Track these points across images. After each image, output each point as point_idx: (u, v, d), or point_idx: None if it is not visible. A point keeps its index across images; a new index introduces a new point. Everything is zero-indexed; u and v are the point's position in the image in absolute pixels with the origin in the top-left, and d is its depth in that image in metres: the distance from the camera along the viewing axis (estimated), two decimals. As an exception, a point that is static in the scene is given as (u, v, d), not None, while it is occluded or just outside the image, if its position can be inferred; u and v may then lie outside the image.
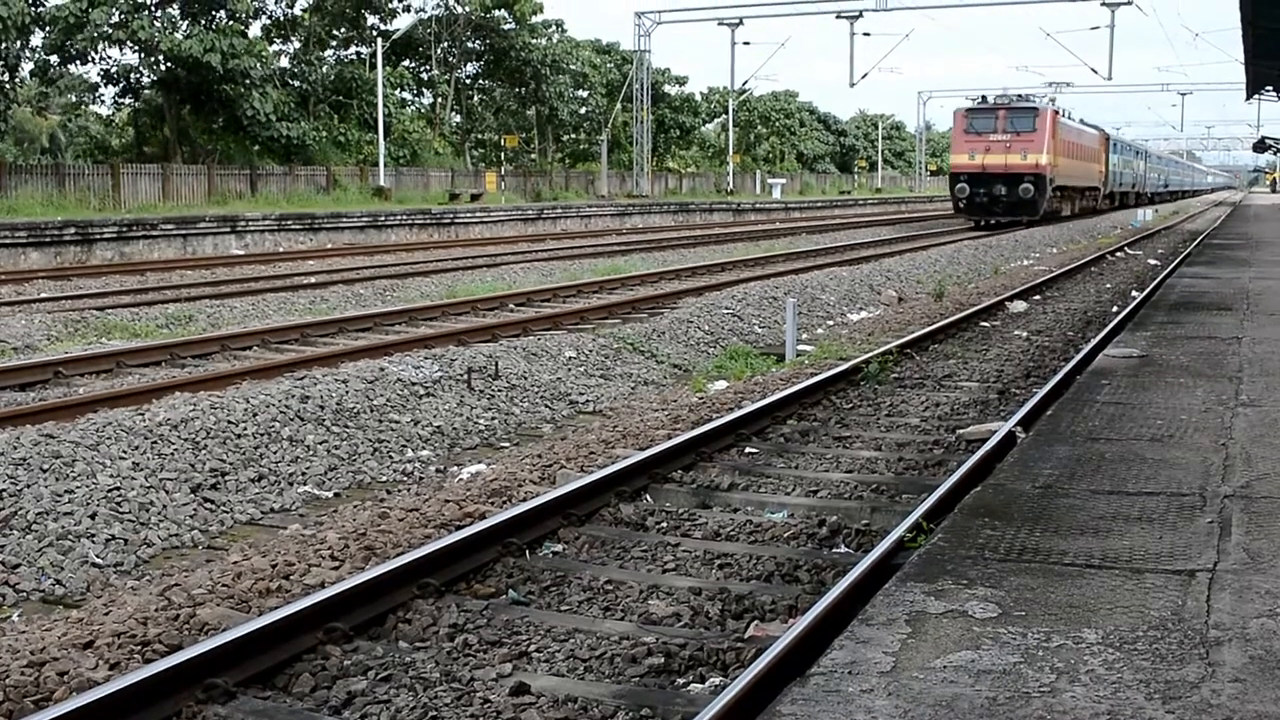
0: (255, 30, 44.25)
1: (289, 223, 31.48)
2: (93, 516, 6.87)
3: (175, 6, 39.77)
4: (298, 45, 48.29)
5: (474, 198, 43.18)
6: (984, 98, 42.21)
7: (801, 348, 13.75)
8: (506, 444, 9.63)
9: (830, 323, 16.86)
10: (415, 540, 6.47)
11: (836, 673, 3.55)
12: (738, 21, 56.37)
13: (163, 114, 42.40)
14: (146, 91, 42.55)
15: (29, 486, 7.00)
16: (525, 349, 12.18)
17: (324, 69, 47.27)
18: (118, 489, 7.24)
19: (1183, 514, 5.18)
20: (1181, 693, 3.40)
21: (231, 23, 39.90)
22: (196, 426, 8.34)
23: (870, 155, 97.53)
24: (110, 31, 37.47)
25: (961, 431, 9.23)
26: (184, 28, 39.35)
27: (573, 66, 58.83)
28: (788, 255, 28.03)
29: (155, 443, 7.99)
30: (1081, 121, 51.58)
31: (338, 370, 10.38)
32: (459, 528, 6.55)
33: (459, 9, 52.77)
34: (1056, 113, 42.60)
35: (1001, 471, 6.01)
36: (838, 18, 51.95)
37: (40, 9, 36.88)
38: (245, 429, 8.53)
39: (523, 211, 41.86)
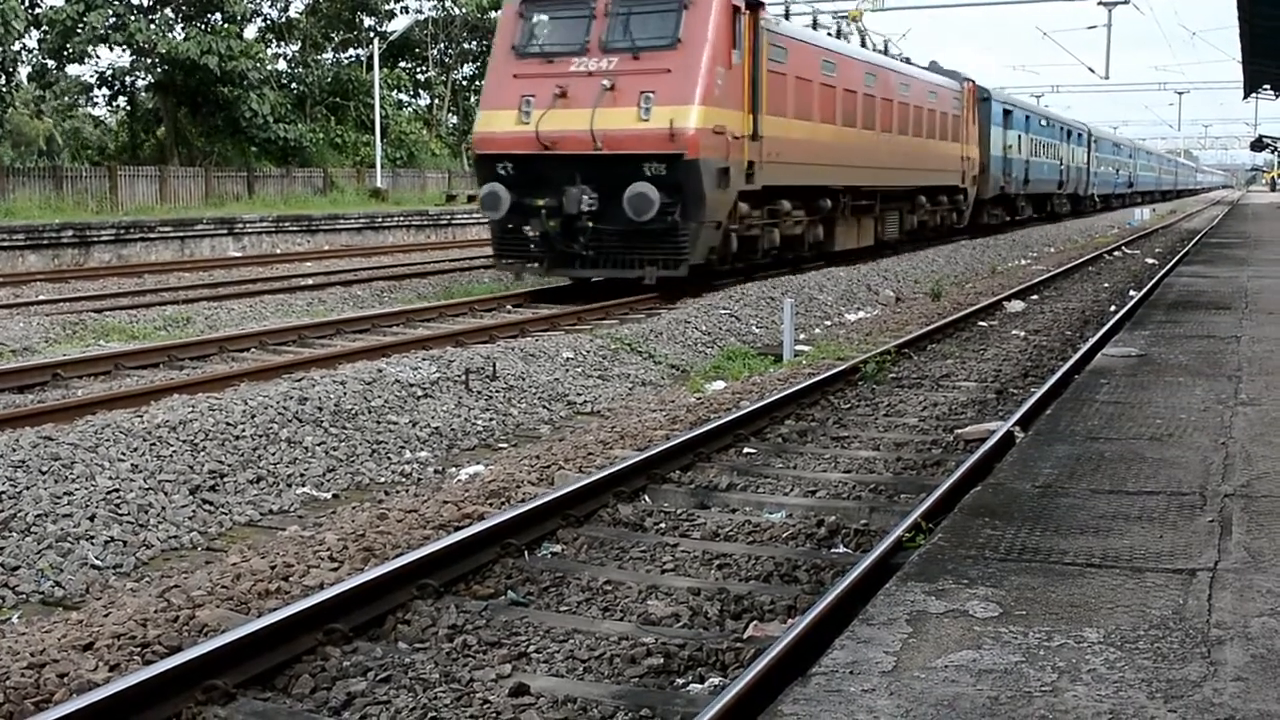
0: (251, 32, 44.31)
1: (286, 224, 31.46)
2: (92, 518, 6.86)
3: (170, 8, 39.77)
4: (295, 48, 48.30)
5: (471, 199, 43.12)
6: None
7: (799, 348, 13.75)
8: (504, 445, 9.63)
9: (828, 323, 16.86)
10: (414, 541, 6.47)
11: (838, 672, 3.54)
12: (734, 22, 56.11)
13: (159, 116, 42.39)
14: (143, 94, 42.55)
15: (28, 488, 6.99)
16: (523, 350, 12.17)
17: (321, 71, 47.25)
18: (116, 491, 7.23)
19: (1183, 513, 5.17)
20: (1183, 692, 3.40)
21: (228, 25, 39.90)
22: (195, 428, 8.33)
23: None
24: (107, 34, 37.46)
25: (960, 431, 9.23)
26: (180, 30, 39.36)
27: (570, 67, 58.75)
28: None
29: (154, 444, 7.97)
30: (933, 66, 30.23)
31: (336, 372, 10.37)
32: (458, 529, 6.55)
33: (455, 10, 52.76)
34: (747, 6, 17.54)
35: (1001, 471, 6.01)
36: (834, 18, 51.82)
37: (37, 10, 36.88)
38: (243, 431, 8.52)
39: (520, 212, 41.76)
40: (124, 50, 39.27)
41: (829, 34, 23.55)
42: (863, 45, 25.45)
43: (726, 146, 16.85)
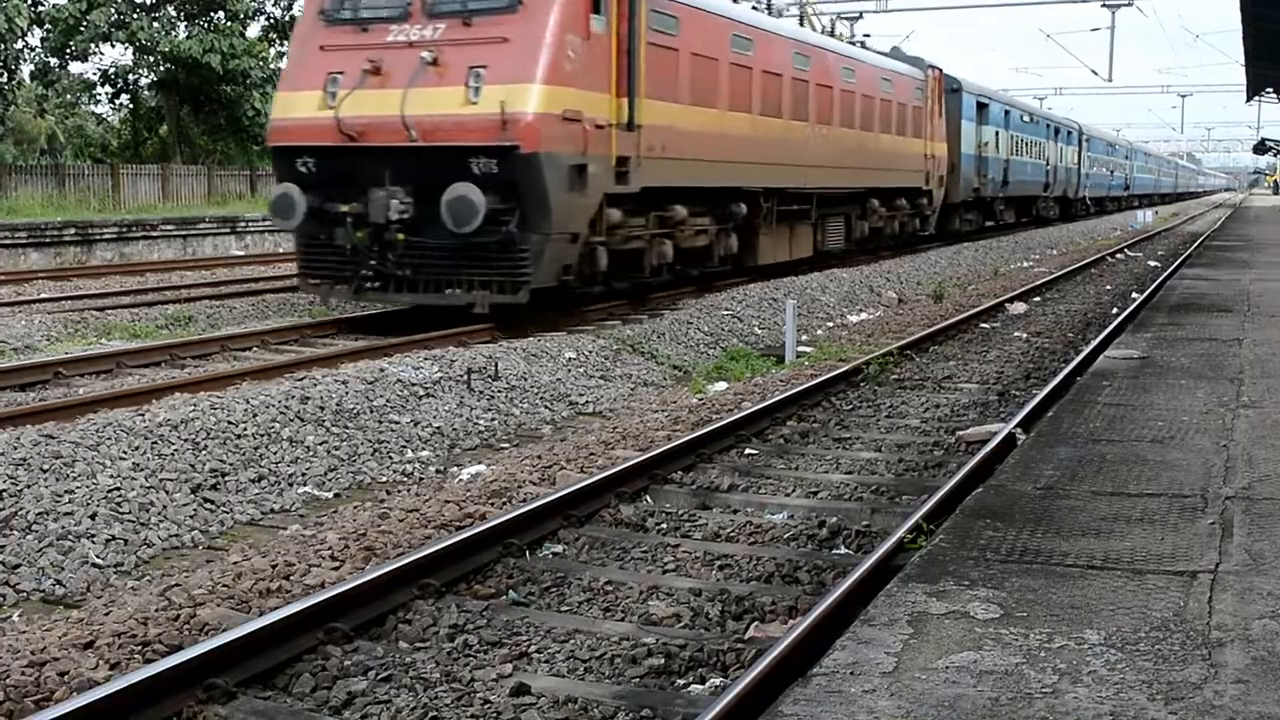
0: (254, 31, 44.33)
1: (289, 223, 31.40)
2: (93, 517, 6.86)
3: (173, 7, 39.80)
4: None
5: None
6: None
7: (801, 349, 13.75)
8: (506, 445, 9.63)
9: (830, 324, 16.86)
10: (415, 541, 6.47)
11: (839, 673, 3.54)
12: (737, 23, 55.95)
13: (162, 114, 42.43)
14: (145, 92, 42.59)
15: (29, 487, 6.99)
16: (525, 349, 12.17)
17: (324, 70, 47.22)
18: (118, 489, 7.23)
19: (1184, 515, 5.17)
20: (1184, 694, 3.40)
21: (230, 24, 39.92)
22: (196, 427, 8.33)
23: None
24: (109, 32, 37.49)
25: (961, 433, 9.23)
26: (183, 29, 39.39)
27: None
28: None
29: (155, 443, 7.97)
30: (895, 52, 27.41)
31: (337, 371, 10.37)
32: (459, 528, 6.55)
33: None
34: None
35: (1002, 473, 6.01)
36: (838, 19, 51.75)
37: (40, 8, 36.92)
38: (245, 430, 8.52)
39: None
40: (126, 48, 39.31)
41: (754, 8, 19.94)
42: (801, 24, 22.33)
43: (583, 137, 13.25)
